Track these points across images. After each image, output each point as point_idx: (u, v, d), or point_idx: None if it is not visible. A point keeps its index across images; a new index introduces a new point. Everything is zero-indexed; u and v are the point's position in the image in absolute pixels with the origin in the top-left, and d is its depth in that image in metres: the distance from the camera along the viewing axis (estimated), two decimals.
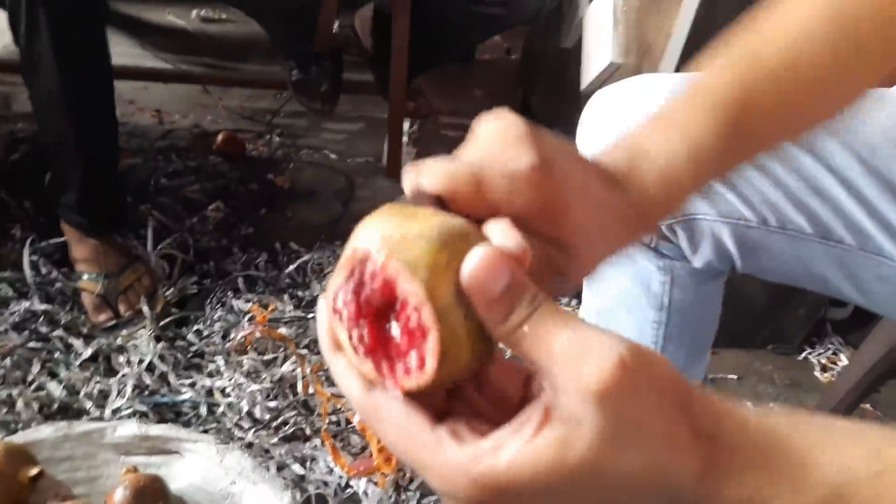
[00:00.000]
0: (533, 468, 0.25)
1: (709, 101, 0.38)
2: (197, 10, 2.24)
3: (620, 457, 0.25)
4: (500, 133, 0.33)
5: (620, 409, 0.25)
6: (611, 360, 0.24)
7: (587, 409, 0.25)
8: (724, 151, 0.38)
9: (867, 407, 1.25)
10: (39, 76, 1.04)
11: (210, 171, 1.55)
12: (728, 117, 0.37)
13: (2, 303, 1.13)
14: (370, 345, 0.27)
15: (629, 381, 0.25)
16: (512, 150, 0.32)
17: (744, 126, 0.38)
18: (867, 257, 0.58)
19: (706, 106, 0.38)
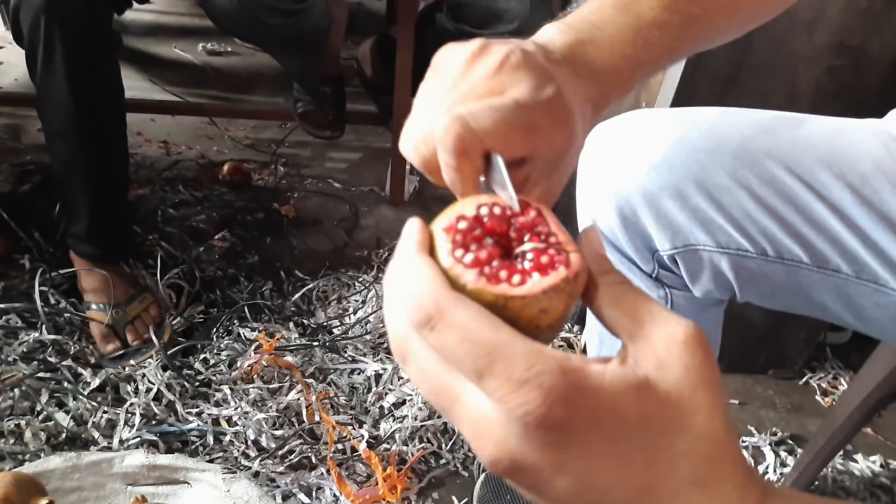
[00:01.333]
0: (623, 383, 0.25)
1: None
2: (203, 44, 2.29)
3: (694, 415, 0.26)
4: (511, 61, 0.35)
5: (703, 363, 0.26)
6: (693, 325, 0.27)
7: (674, 353, 0.26)
8: (668, 11, 0.41)
9: (868, 431, 1.25)
10: (53, 108, 1.07)
11: (216, 200, 1.57)
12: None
13: (11, 333, 1.14)
14: (486, 257, 0.28)
15: (707, 347, 0.27)
16: (533, 83, 0.35)
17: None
18: (864, 285, 0.60)
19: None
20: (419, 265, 0.28)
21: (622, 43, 0.41)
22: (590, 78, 0.40)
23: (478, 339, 0.25)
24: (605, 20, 0.41)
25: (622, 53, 0.41)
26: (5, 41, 2.14)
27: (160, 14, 2.49)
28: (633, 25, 0.41)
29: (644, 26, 0.41)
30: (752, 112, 0.65)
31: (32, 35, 1.01)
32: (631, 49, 0.41)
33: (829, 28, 0.95)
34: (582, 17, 0.42)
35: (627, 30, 0.41)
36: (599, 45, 0.40)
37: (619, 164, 0.64)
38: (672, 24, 0.42)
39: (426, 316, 0.26)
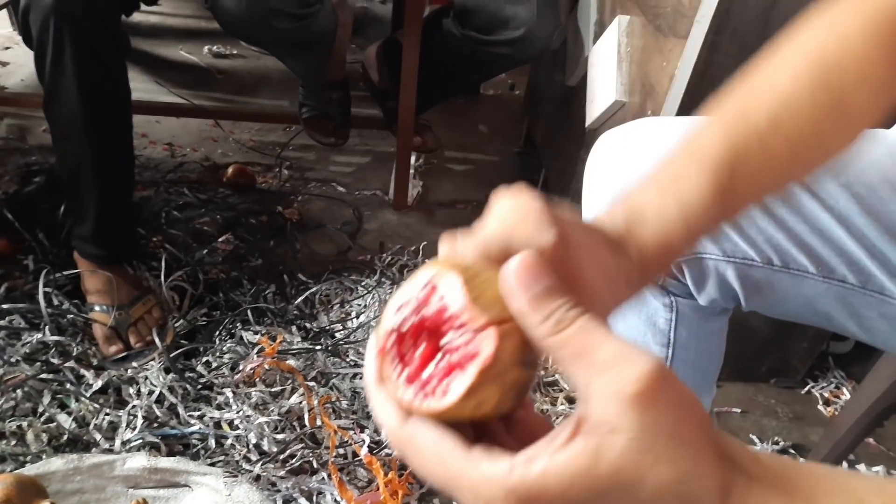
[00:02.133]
0: (566, 476, 0.26)
1: (701, 164, 0.41)
2: (208, 46, 2.30)
3: (652, 468, 0.26)
4: (520, 210, 0.35)
5: (656, 417, 0.26)
6: (649, 368, 0.26)
7: (623, 415, 0.26)
8: (714, 211, 0.40)
9: (871, 441, 1.25)
10: (61, 109, 1.07)
11: (220, 203, 1.57)
12: (718, 179, 0.40)
13: (14, 334, 1.14)
14: (418, 365, 0.29)
15: (665, 389, 0.26)
16: (534, 226, 0.34)
17: (732, 186, 0.40)
18: (869, 296, 0.59)
19: (698, 168, 0.40)
20: (376, 400, 0.32)
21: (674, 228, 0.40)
22: (636, 256, 0.39)
23: (433, 470, 0.29)
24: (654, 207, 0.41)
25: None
26: (11, 42, 2.15)
27: (166, 16, 2.50)
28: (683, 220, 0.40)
29: (693, 224, 0.40)
30: None
31: (42, 36, 1.01)
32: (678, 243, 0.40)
33: None
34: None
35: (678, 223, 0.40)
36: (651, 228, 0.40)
37: (625, 172, 0.64)
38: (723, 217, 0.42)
39: (400, 446, 0.31)
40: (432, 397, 0.29)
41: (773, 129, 0.41)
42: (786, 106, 0.42)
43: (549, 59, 1.71)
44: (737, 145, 0.41)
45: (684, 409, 0.27)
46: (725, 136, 0.41)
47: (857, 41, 0.43)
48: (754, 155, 0.41)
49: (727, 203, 0.41)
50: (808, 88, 0.42)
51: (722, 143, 0.41)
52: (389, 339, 0.31)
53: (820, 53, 0.43)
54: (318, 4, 1.31)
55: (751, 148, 0.41)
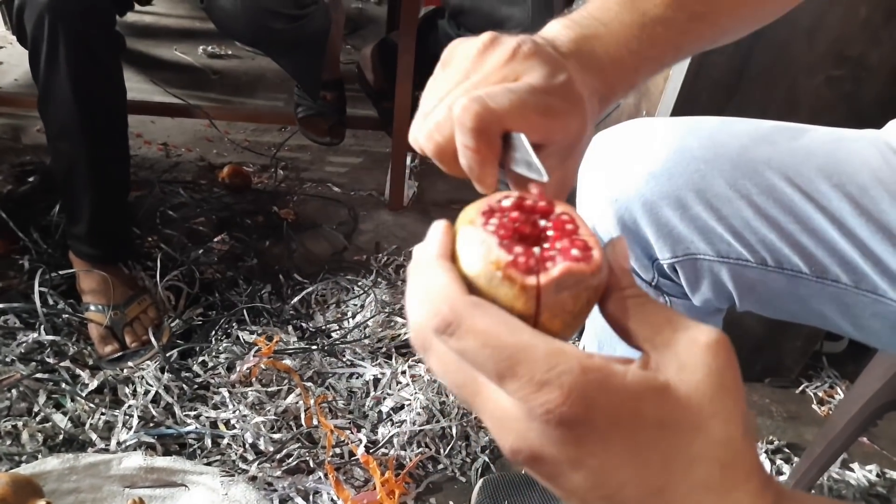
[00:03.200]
0: (640, 385, 0.26)
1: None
2: (203, 46, 2.29)
3: (711, 418, 0.26)
4: (514, 56, 0.36)
5: (724, 370, 0.26)
6: (717, 330, 0.27)
7: (696, 357, 0.26)
8: (672, 8, 0.42)
9: (864, 440, 1.26)
10: (56, 108, 1.07)
11: (215, 203, 1.57)
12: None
13: (9, 333, 1.14)
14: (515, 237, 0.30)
15: (732, 355, 0.27)
16: (546, 71, 0.36)
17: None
18: (863, 295, 0.60)
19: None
20: (438, 270, 0.29)
21: (627, 38, 0.42)
22: (596, 71, 0.40)
23: (498, 344, 0.26)
24: (610, 16, 0.42)
25: (627, 48, 0.42)
26: (6, 41, 2.14)
27: (161, 16, 2.49)
28: (638, 22, 0.42)
29: (648, 22, 0.42)
30: (751, 122, 0.65)
31: (36, 35, 1.01)
32: (636, 44, 0.42)
33: (828, 38, 0.96)
34: (586, 13, 0.43)
35: (632, 26, 0.42)
36: (604, 39, 0.41)
37: (620, 172, 0.64)
38: (677, 20, 0.43)
39: (444, 322, 0.27)
40: (530, 274, 0.28)
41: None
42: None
43: None
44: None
45: (739, 376, 0.27)
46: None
47: None
48: None
49: (690, 3, 0.43)
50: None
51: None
52: (490, 211, 0.31)
53: None
54: (313, 5, 1.31)
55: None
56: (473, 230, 0.30)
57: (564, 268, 0.28)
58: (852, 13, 0.94)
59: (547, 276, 0.28)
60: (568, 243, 0.29)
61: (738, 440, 0.27)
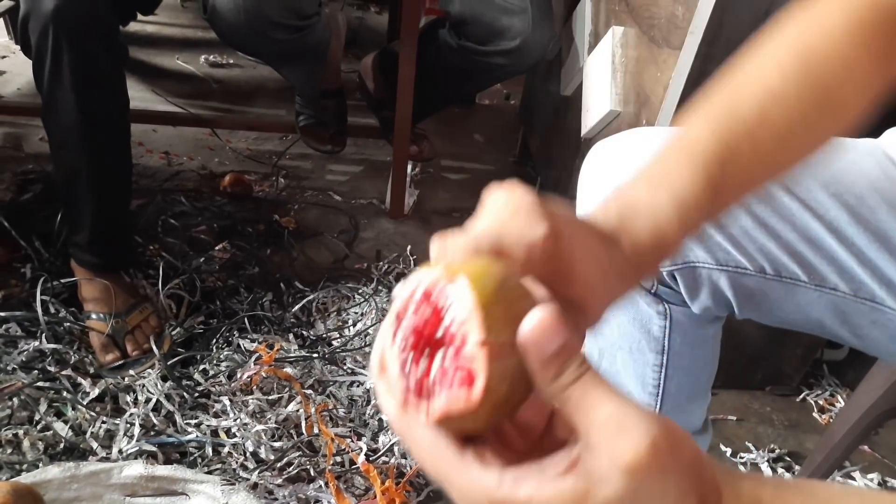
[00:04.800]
0: (557, 499, 0.27)
1: (692, 158, 0.41)
2: (205, 56, 2.31)
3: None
4: (512, 205, 0.35)
5: (644, 485, 0.27)
6: (645, 441, 0.27)
7: (614, 475, 0.27)
8: (706, 204, 0.41)
9: (865, 448, 1.26)
10: (59, 117, 1.08)
11: (217, 211, 1.58)
12: (709, 172, 0.41)
13: (10, 342, 1.14)
14: (420, 370, 0.30)
15: (657, 462, 0.27)
16: (525, 221, 0.34)
17: (723, 179, 0.41)
18: (861, 303, 0.60)
19: (689, 162, 0.41)
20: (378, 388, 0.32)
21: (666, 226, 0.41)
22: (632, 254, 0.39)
23: (427, 464, 0.31)
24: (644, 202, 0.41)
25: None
26: (8, 51, 2.16)
27: (163, 26, 2.51)
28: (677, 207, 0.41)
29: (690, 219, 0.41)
30: None
31: (40, 45, 1.02)
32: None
33: None
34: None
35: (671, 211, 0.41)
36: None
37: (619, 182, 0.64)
38: (718, 209, 0.43)
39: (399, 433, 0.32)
40: (449, 402, 0.29)
41: (762, 122, 0.42)
42: (773, 99, 0.43)
43: (544, 70, 1.72)
44: (727, 140, 0.42)
45: (676, 475, 0.27)
46: (715, 131, 0.42)
47: (841, 34, 0.44)
48: (744, 148, 0.42)
49: (719, 197, 0.41)
50: (794, 81, 0.43)
51: (712, 137, 0.42)
52: (396, 330, 0.31)
53: (804, 47, 0.44)
54: (315, 16, 1.32)
55: (741, 141, 0.42)
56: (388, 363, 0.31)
57: (441, 412, 0.29)
58: None
59: (429, 418, 0.29)
60: (449, 374, 0.29)
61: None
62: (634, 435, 0.27)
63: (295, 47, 1.33)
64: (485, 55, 1.41)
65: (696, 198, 0.40)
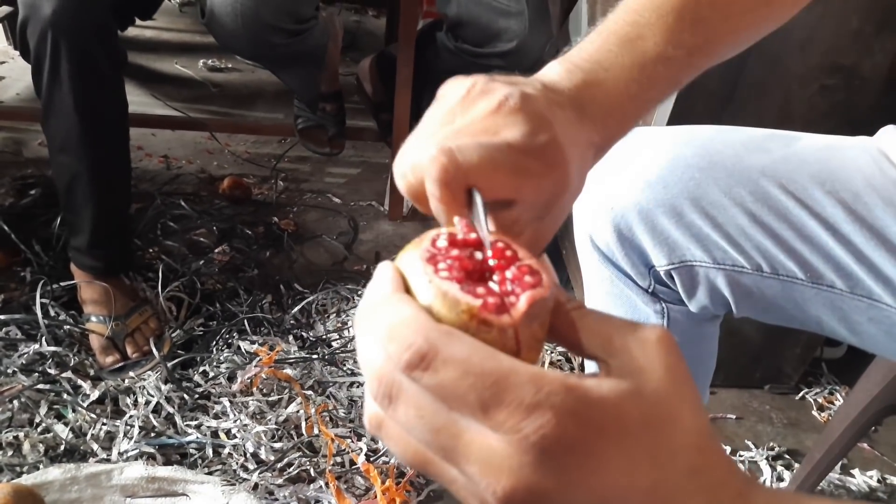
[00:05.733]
0: (617, 393, 0.26)
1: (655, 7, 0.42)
2: (203, 60, 2.31)
3: (681, 408, 0.27)
4: (499, 109, 0.35)
5: (678, 361, 0.27)
6: (661, 328, 0.28)
7: (650, 356, 0.27)
8: (671, 45, 0.41)
9: (864, 446, 1.26)
10: (58, 122, 1.08)
11: (216, 214, 1.58)
12: (666, 24, 0.41)
13: (10, 345, 1.14)
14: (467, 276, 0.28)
15: (676, 345, 0.28)
16: (522, 127, 0.35)
17: (690, 13, 0.41)
18: (858, 300, 0.61)
19: (655, 15, 0.41)
20: (400, 303, 0.27)
21: (627, 82, 0.41)
22: (595, 121, 0.39)
23: (481, 372, 0.25)
24: (611, 59, 0.41)
25: (627, 94, 0.41)
26: (7, 56, 2.16)
27: (161, 31, 2.52)
28: (638, 63, 0.41)
29: (648, 63, 0.41)
30: (745, 130, 0.66)
31: (39, 49, 1.02)
32: (636, 88, 0.41)
33: (821, 48, 0.97)
34: (587, 55, 0.41)
35: (632, 68, 0.41)
36: (605, 86, 0.40)
37: (616, 181, 0.65)
38: (676, 57, 0.42)
39: (418, 355, 0.25)
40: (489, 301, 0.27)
41: None
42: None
43: None
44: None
45: (689, 371, 0.28)
46: None
47: None
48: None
49: (685, 38, 0.41)
50: None
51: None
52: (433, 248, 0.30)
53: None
54: (312, 20, 1.33)
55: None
56: (429, 280, 0.28)
57: (529, 298, 0.27)
58: (844, 24, 0.95)
59: (517, 311, 0.27)
60: (518, 272, 0.29)
61: (705, 425, 0.28)
62: (648, 326, 0.28)
63: (292, 51, 1.34)
64: (482, 57, 1.42)
65: (658, 44, 0.41)
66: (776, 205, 0.60)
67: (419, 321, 0.26)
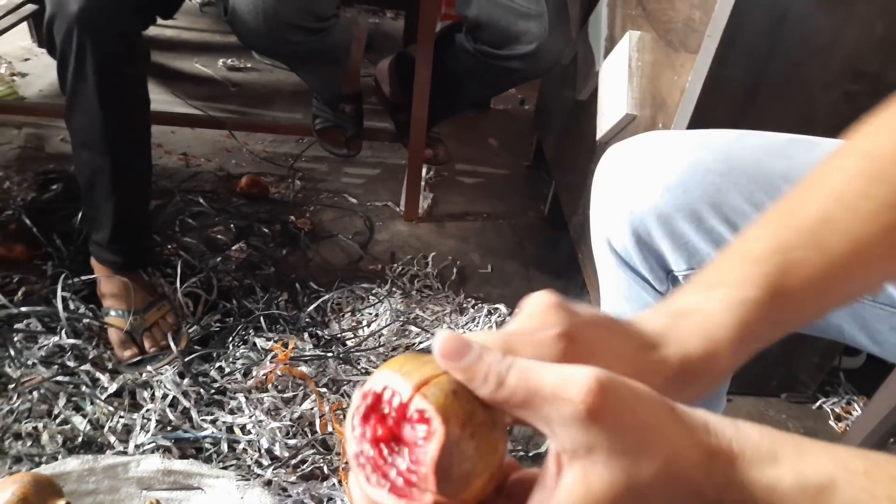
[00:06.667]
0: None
1: (746, 260, 0.38)
2: (223, 59, 2.33)
3: (638, 465, 0.27)
4: (535, 306, 0.34)
5: (615, 422, 0.26)
6: (588, 380, 0.27)
7: (588, 433, 0.26)
8: (765, 307, 0.37)
9: None
10: (82, 118, 1.10)
11: (234, 212, 1.59)
12: (765, 272, 0.37)
13: (31, 337, 1.16)
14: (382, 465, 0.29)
15: (610, 394, 0.27)
16: (541, 319, 0.34)
17: (783, 280, 0.37)
18: (880, 308, 0.60)
19: (743, 264, 0.38)
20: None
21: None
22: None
23: None
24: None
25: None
26: (31, 53, 2.19)
27: (182, 30, 2.54)
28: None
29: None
30: (767, 135, 0.66)
31: (65, 46, 1.04)
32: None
33: (844, 54, 0.96)
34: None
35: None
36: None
37: (634, 185, 0.65)
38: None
39: None
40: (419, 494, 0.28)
41: (824, 222, 0.39)
42: (837, 199, 0.39)
43: (560, 74, 1.73)
44: (783, 238, 0.39)
45: (634, 401, 0.27)
46: (769, 232, 0.39)
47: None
48: (808, 250, 0.38)
49: (781, 302, 0.37)
50: (862, 182, 0.40)
51: (766, 238, 0.39)
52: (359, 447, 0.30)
53: (872, 149, 0.41)
54: (333, 18, 1.34)
55: (801, 241, 0.39)
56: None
57: (429, 461, 0.27)
58: (868, 30, 0.94)
59: (428, 482, 0.28)
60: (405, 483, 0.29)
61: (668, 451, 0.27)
62: (576, 381, 0.27)
63: (312, 49, 1.35)
64: (501, 59, 1.42)
65: (752, 301, 0.37)
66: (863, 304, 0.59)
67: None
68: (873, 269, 0.40)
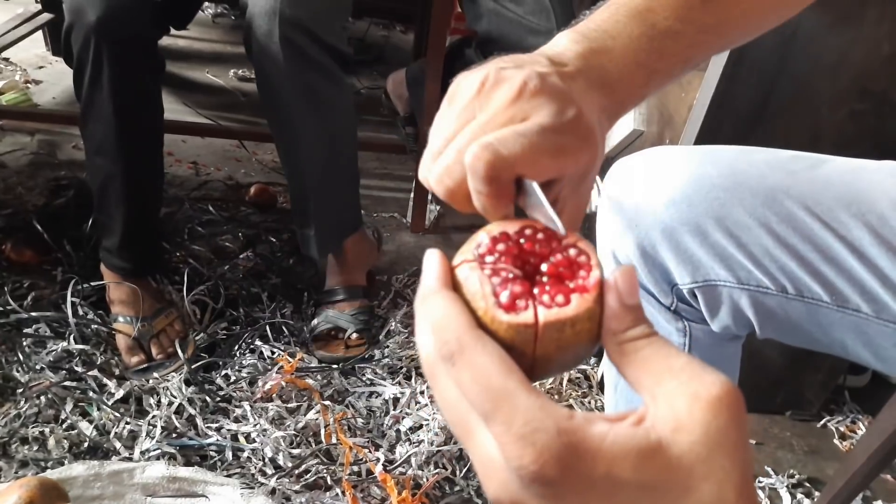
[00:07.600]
0: (620, 449, 0.25)
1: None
2: (234, 70, 2.36)
3: (702, 481, 0.25)
4: (521, 96, 0.36)
5: (725, 428, 0.25)
6: (730, 383, 0.26)
7: (693, 416, 0.25)
8: (681, 21, 0.42)
9: (888, 477, 1.24)
10: (96, 125, 1.11)
11: (242, 221, 1.61)
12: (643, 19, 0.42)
13: (39, 342, 1.17)
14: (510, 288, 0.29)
15: (740, 410, 0.26)
16: (549, 107, 0.35)
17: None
18: (884, 325, 0.60)
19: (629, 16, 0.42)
20: (443, 301, 0.30)
21: (636, 52, 0.41)
22: (603, 87, 0.40)
23: (486, 385, 0.26)
24: (619, 29, 0.42)
25: (636, 62, 0.41)
26: (45, 61, 2.22)
27: (194, 40, 2.57)
28: (647, 34, 0.42)
29: (657, 35, 0.42)
30: (771, 151, 0.66)
31: (82, 55, 1.05)
32: (644, 57, 0.42)
33: (851, 73, 0.97)
34: (595, 25, 0.42)
35: (640, 38, 0.42)
36: (613, 54, 0.41)
37: (640, 199, 0.65)
38: (686, 33, 0.43)
39: (448, 351, 0.28)
40: (521, 312, 0.29)
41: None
42: None
43: None
44: None
45: (744, 435, 0.26)
46: None
47: None
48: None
49: (698, 16, 0.42)
50: None
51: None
52: (480, 249, 0.31)
53: None
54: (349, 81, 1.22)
55: None
56: (471, 269, 0.30)
57: (554, 314, 0.28)
58: (875, 49, 0.95)
59: (543, 318, 0.28)
60: (566, 281, 0.30)
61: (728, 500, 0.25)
62: (717, 375, 0.26)
63: (324, 98, 1.20)
64: None
65: (666, 25, 0.42)
66: (801, 226, 0.60)
67: (455, 322, 0.29)
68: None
